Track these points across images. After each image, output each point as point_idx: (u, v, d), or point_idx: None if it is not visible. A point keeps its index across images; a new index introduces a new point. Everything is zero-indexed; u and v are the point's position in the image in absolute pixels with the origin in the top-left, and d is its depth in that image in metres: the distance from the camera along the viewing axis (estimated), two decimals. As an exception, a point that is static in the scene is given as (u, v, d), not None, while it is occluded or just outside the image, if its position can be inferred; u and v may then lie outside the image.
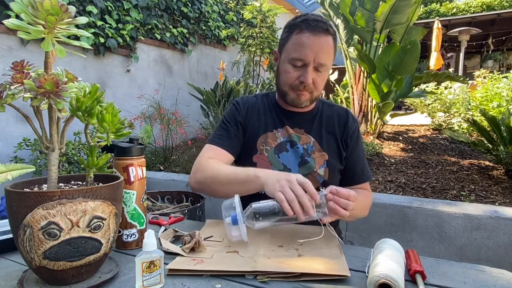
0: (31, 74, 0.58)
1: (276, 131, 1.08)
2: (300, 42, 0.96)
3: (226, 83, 4.16)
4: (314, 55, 0.95)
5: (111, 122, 0.65)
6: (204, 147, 1.07)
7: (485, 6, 11.94)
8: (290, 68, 0.99)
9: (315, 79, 0.99)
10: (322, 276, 0.63)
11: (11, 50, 2.80)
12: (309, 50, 0.95)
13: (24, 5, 0.53)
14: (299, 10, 6.70)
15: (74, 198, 0.56)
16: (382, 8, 3.07)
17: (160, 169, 3.26)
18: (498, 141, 2.53)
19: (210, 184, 0.95)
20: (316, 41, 0.95)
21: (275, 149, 1.06)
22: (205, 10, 4.74)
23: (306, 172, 1.04)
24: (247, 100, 1.13)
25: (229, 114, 1.11)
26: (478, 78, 4.44)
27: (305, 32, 0.95)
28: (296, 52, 0.96)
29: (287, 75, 1.00)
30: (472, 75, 4.87)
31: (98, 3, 3.30)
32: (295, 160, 1.06)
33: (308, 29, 0.95)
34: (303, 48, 0.95)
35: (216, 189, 0.94)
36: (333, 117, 1.11)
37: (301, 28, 0.96)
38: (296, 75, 0.98)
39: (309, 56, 0.95)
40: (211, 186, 0.95)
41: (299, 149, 1.06)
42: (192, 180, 1.00)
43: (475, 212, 1.74)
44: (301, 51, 0.95)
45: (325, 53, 0.97)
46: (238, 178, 0.89)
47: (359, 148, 1.12)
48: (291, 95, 1.02)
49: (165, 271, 0.65)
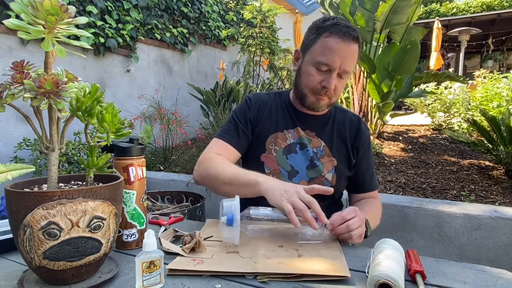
0: (31, 74, 0.58)
1: (286, 131, 1.07)
2: (329, 47, 0.93)
3: (226, 83, 4.16)
4: (341, 62, 0.93)
5: (111, 122, 0.65)
6: (212, 141, 1.06)
7: (485, 6, 11.93)
8: (314, 71, 0.97)
9: (337, 85, 0.98)
10: (322, 276, 0.63)
11: (11, 50, 2.80)
12: (337, 56, 0.93)
13: (24, 5, 0.53)
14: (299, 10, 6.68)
15: (74, 198, 0.56)
16: (382, 8, 3.07)
17: (160, 169, 3.26)
18: (498, 141, 2.53)
19: (213, 180, 0.95)
20: (345, 48, 0.93)
21: (284, 149, 1.05)
22: (205, 10, 4.74)
23: (314, 176, 1.04)
24: (259, 97, 1.12)
25: (240, 110, 1.10)
26: (478, 78, 4.44)
27: (335, 37, 0.93)
28: (324, 56, 0.94)
29: (310, 78, 0.98)
30: (472, 75, 4.87)
31: (98, 3, 3.30)
32: (304, 162, 1.05)
33: (339, 35, 0.92)
34: (331, 53, 0.93)
35: (218, 187, 0.95)
36: (345, 122, 1.10)
37: (331, 32, 0.93)
38: (319, 79, 0.97)
39: (336, 62, 0.93)
40: (213, 182, 0.95)
41: (309, 151, 1.05)
42: (196, 173, 1.00)
43: (475, 212, 1.74)
44: (329, 55, 0.93)
45: (351, 60, 0.95)
46: (240, 180, 0.89)
47: (369, 156, 1.11)
48: (311, 99, 1.01)
49: (165, 271, 0.65)
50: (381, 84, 3.25)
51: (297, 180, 1.04)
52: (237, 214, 0.75)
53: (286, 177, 1.04)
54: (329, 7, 3.80)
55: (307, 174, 1.04)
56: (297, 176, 1.04)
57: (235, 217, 0.75)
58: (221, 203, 0.79)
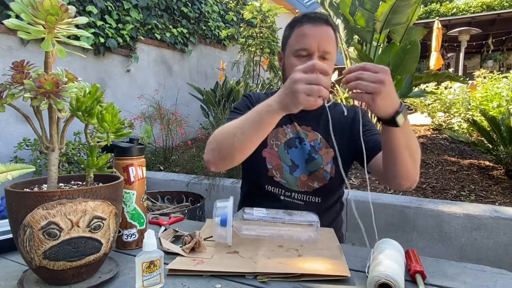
0: (31, 74, 0.58)
1: (285, 127, 1.08)
2: (302, 33, 0.97)
3: (226, 83, 4.15)
4: (318, 44, 0.96)
5: (111, 122, 0.65)
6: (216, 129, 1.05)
7: (485, 6, 11.94)
8: (296, 60, 0.98)
9: None
10: (322, 276, 0.63)
11: (11, 50, 2.80)
12: (312, 39, 0.96)
13: (24, 5, 0.53)
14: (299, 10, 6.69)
15: (74, 198, 0.56)
16: (382, 8, 3.07)
17: (160, 169, 3.26)
18: (498, 141, 2.53)
19: (223, 142, 0.85)
20: (318, 31, 0.96)
21: (285, 144, 1.06)
22: (205, 10, 4.74)
23: (314, 169, 1.04)
24: (258, 95, 1.14)
25: (241, 103, 1.11)
26: (478, 78, 4.44)
27: (306, 24, 0.97)
28: (300, 43, 0.97)
29: (293, 68, 0.98)
30: (472, 75, 4.87)
31: (98, 3, 3.30)
32: (303, 156, 1.06)
33: (309, 21, 0.97)
34: (306, 38, 0.96)
35: (230, 146, 0.83)
36: (341, 113, 1.10)
37: (302, 21, 0.98)
38: None
39: (313, 45, 0.96)
40: (224, 145, 0.85)
41: (306, 146, 1.06)
42: (206, 154, 0.91)
43: (475, 212, 1.74)
44: (305, 40, 0.96)
45: (328, 41, 0.97)
46: (249, 118, 0.81)
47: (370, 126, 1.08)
48: None
49: (165, 271, 0.65)
50: (381, 84, 3.24)
51: (297, 174, 1.05)
52: (230, 215, 0.76)
53: (287, 171, 1.05)
54: (329, 7, 3.80)
55: (306, 167, 1.05)
56: (297, 170, 1.05)
57: (228, 217, 0.75)
58: (215, 203, 0.79)
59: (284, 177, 1.05)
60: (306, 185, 1.04)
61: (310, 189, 1.04)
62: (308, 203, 1.05)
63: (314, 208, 1.01)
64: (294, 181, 1.04)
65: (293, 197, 1.05)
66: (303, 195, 1.05)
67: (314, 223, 0.80)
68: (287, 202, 1.05)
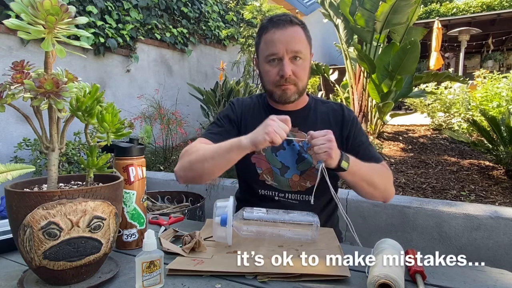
0: (31, 74, 0.58)
1: None
2: (269, 39, 0.99)
3: (226, 83, 4.15)
4: (286, 46, 0.97)
5: (111, 122, 0.65)
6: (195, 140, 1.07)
7: (485, 6, 11.93)
8: (268, 66, 1.01)
9: (294, 69, 0.99)
10: (322, 276, 0.63)
11: (11, 50, 2.79)
12: (279, 43, 0.97)
13: (24, 5, 0.53)
14: (299, 10, 6.68)
15: (74, 198, 0.56)
16: (382, 8, 3.07)
17: (160, 169, 3.26)
18: (498, 141, 2.53)
19: (195, 164, 0.94)
20: (284, 33, 0.98)
21: (273, 147, 1.06)
22: (205, 10, 4.74)
23: (305, 168, 1.05)
24: (242, 101, 1.15)
25: (223, 112, 1.13)
26: (478, 78, 4.44)
27: (272, 29, 0.99)
28: (269, 49, 0.99)
29: (268, 73, 1.02)
30: (472, 75, 4.87)
31: (98, 3, 3.30)
32: (293, 157, 1.06)
33: (274, 26, 0.99)
34: (273, 43, 0.98)
35: (200, 169, 0.93)
36: (328, 113, 1.10)
37: (267, 27, 1.01)
38: (275, 71, 1.00)
39: (280, 49, 0.97)
40: (195, 167, 0.94)
41: (295, 146, 1.06)
42: (178, 167, 0.99)
43: (475, 212, 1.74)
44: (272, 46, 0.98)
45: (296, 41, 0.98)
46: (222, 148, 0.91)
47: (360, 136, 1.09)
48: (277, 92, 1.03)
49: (165, 271, 0.65)
50: (381, 84, 3.25)
51: (289, 175, 1.05)
52: (231, 215, 0.76)
53: (278, 174, 1.05)
54: (329, 7, 3.80)
55: (297, 168, 1.05)
56: (288, 171, 1.05)
57: (228, 217, 0.75)
58: (215, 203, 0.79)
59: (276, 180, 1.06)
60: (298, 185, 1.05)
61: (303, 189, 1.05)
62: (303, 202, 1.05)
63: (309, 206, 1.01)
64: (286, 182, 1.05)
65: (288, 198, 1.06)
66: (297, 195, 1.05)
67: (314, 222, 0.80)
68: (283, 202, 1.06)
